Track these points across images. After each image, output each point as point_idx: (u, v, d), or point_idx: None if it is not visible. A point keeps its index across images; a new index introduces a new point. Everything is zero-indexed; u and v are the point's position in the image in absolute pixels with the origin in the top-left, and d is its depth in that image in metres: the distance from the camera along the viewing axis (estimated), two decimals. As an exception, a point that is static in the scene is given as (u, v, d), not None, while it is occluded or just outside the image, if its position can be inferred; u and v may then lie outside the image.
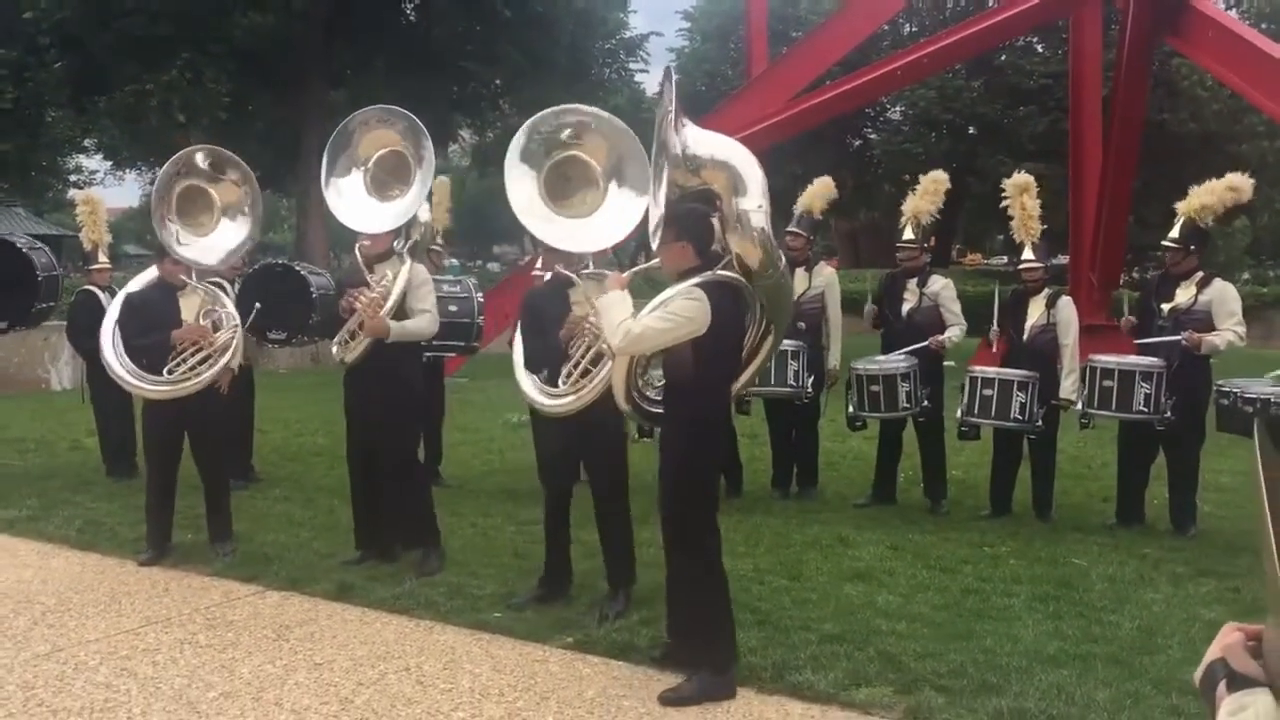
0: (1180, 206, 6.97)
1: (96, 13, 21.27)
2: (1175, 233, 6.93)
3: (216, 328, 6.38)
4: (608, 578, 5.41)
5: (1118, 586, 5.75)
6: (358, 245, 6.16)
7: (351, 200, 6.13)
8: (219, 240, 6.59)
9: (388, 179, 6.12)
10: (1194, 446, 6.86)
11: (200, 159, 6.60)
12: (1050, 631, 5.01)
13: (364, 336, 5.89)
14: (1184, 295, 6.82)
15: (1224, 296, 6.76)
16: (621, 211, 5.49)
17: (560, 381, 5.22)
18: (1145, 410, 6.65)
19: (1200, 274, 6.87)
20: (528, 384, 5.41)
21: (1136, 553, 6.39)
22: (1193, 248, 6.88)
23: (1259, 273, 33.52)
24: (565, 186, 5.58)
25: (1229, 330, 6.66)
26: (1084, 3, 15.65)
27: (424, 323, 6.04)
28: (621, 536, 5.39)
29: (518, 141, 5.58)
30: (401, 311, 5.97)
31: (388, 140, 6.13)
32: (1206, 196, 6.88)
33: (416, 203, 6.08)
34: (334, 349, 6.10)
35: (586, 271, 5.41)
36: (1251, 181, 6.98)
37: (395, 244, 6.15)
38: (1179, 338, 6.66)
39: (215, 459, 6.57)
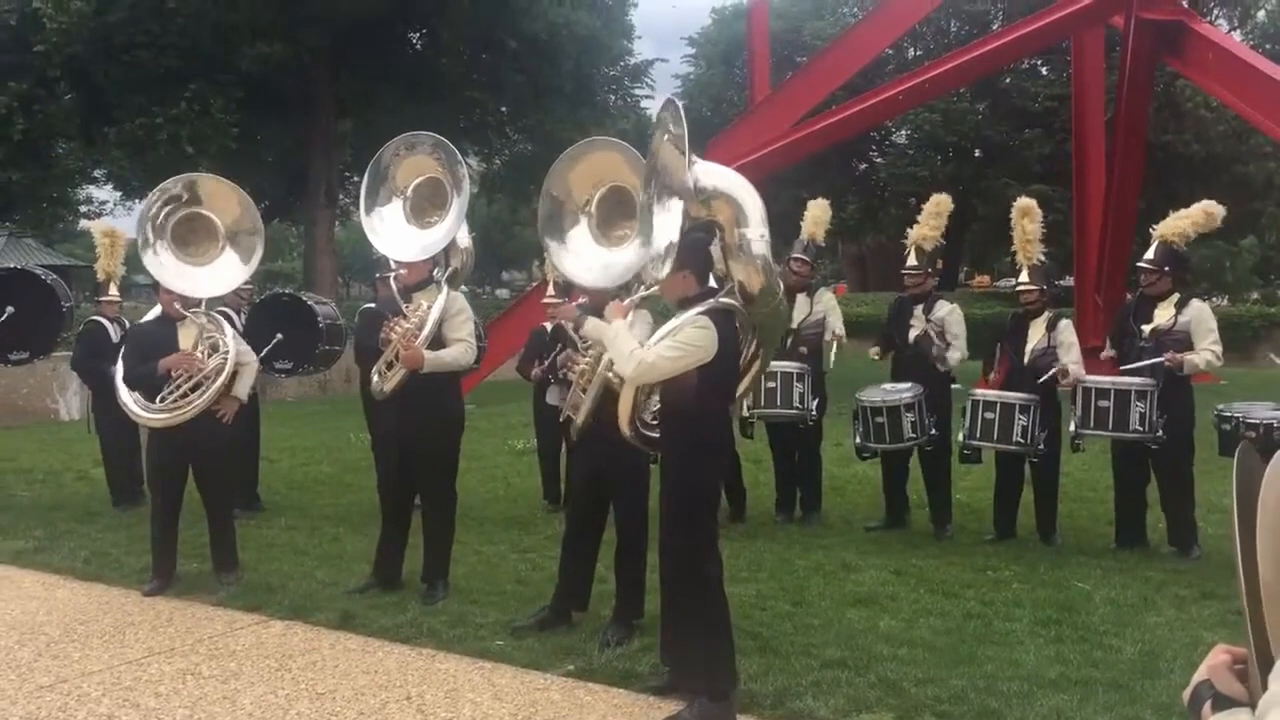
0: (1156, 229, 7.10)
1: (105, 46, 21.51)
2: (1150, 254, 7.06)
3: (212, 354, 6.35)
4: (615, 611, 5.41)
5: (1120, 610, 5.73)
6: (394, 274, 6.12)
7: (391, 228, 6.10)
8: (217, 271, 6.59)
9: (426, 206, 6.09)
10: (1183, 465, 6.89)
11: (190, 188, 6.61)
12: (1052, 656, 5.00)
13: (400, 367, 5.89)
14: (1163, 316, 6.92)
15: (1201, 316, 6.89)
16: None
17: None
18: (1140, 429, 6.68)
19: (1177, 295, 6.99)
20: None
21: (1140, 576, 6.37)
22: (1167, 269, 6.97)
23: (1268, 293, 33.44)
24: (615, 212, 5.37)
25: (1207, 350, 6.78)
26: (1085, 26, 15.71)
27: (459, 351, 5.98)
28: (637, 573, 5.40)
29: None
30: (438, 340, 5.92)
31: (425, 167, 6.11)
32: (1180, 221, 7.03)
33: (452, 230, 5.99)
34: (373, 379, 6.08)
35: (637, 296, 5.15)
36: (1223, 209, 7.12)
37: (434, 272, 6.11)
38: (1162, 359, 6.72)
39: (219, 489, 6.58)
